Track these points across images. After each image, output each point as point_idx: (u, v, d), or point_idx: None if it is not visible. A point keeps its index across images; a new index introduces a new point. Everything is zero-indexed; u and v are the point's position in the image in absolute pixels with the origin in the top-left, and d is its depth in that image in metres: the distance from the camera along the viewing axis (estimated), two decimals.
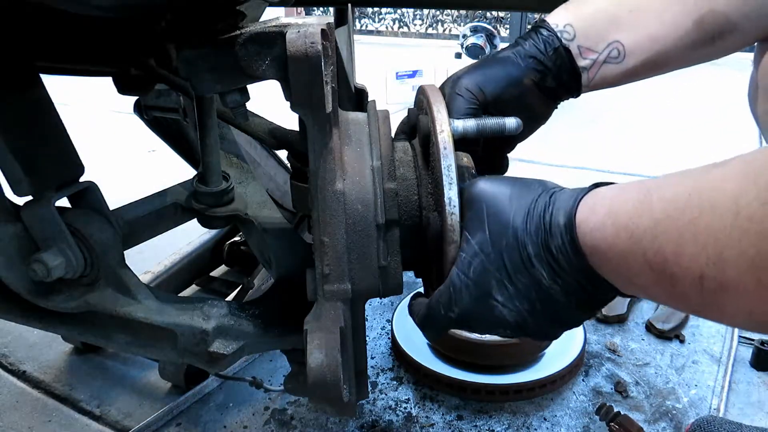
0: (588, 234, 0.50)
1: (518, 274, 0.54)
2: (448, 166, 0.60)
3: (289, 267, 0.85)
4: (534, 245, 0.53)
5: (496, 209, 0.55)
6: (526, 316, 0.55)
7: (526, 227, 0.54)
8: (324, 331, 0.66)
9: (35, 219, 0.78)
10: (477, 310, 0.56)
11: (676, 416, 1.19)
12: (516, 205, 0.55)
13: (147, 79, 0.98)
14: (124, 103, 1.24)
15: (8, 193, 0.81)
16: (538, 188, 0.56)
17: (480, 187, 0.58)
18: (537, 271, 0.53)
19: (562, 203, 0.53)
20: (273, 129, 0.90)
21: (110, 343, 0.85)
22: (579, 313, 0.56)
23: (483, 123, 0.66)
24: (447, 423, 1.20)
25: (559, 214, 0.52)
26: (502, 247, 0.54)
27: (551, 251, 0.52)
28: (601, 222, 0.49)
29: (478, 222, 0.56)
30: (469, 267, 0.55)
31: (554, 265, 0.52)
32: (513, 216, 0.54)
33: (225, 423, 1.22)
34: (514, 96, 0.71)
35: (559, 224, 0.52)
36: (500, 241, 0.54)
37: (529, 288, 0.54)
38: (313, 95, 0.62)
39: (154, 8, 0.71)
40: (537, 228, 0.53)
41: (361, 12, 8.18)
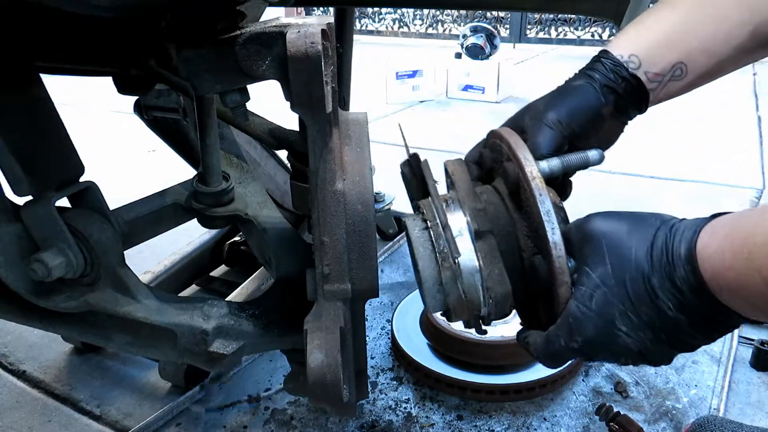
0: (707, 260, 0.51)
1: (643, 305, 0.55)
2: (547, 212, 0.61)
3: (289, 267, 0.86)
4: (658, 277, 0.54)
5: (617, 243, 0.57)
6: (649, 344, 0.57)
7: (649, 260, 0.55)
8: (324, 331, 0.66)
9: (35, 219, 0.78)
10: (600, 340, 0.58)
11: (676, 416, 1.19)
12: (636, 239, 0.57)
13: (147, 79, 0.98)
14: (124, 103, 1.24)
15: (8, 193, 0.81)
16: (655, 222, 0.58)
17: (598, 224, 0.60)
18: (662, 302, 0.54)
19: (683, 234, 0.54)
20: (273, 129, 0.90)
21: (110, 343, 0.85)
22: (702, 340, 0.57)
23: (567, 160, 0.68)
24: (447, 423, 1.20)
25: (680, 245, 0.54)
26: (625, 280, 0.56)
27: (675, 283, 0.54)
28: (719, 246, 0.51)
29: (599, 256, 0.58)
30: (590, 299, 0.57)
31: (679, 297, 0.54)
32: (635, 250, 0.56)
33: (225, 423, 1.22)
34: (595, 126, 0.72)
35: (680, 255, 0.53)
36: (623, 274, 0.56)
37: (654, 319, 0.55)
38: (313, 95, 0.62)
39: (154, 8, 0.71)
40: (659, 260, 0.55)
41: (361, 12, 8.18)
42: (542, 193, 0.61)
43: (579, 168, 0.69)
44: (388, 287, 1.72)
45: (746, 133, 3.35)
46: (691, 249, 0.53)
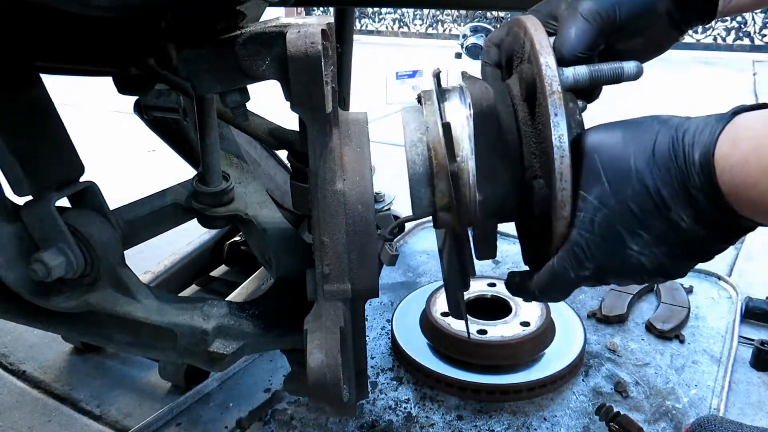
0: (727, 171, 0.46)
1: (653, 220, 0.50)
2: (560, 137, 0.53)
3: (289, 267, 0.85)
4: (668, 187, 0.49)
5: (612, 157, 0.51)
6: (665, 259, 0.52)
7: (653, 169, 0.49)
8: (324, 331, 0.66)
9: (35, 219, 0.78)
10: (612, 263, 0.53)
11: (676, 416, 1.19)
12: (634, 148, 0.50)
13: (147, 79, 0.98)
14: (124, 103, 1.24)
15: (8, 193, 0.81)
16: (653, 124, 0.51)
17: (590, 139, 0.53)
18: (675, 214, 0.49)
19: (696, 137, 0.48)
20: (273, 129, 0.90)
21: (110, 343, 0.85)
22: (720, 246, 0.52)
23: (597, 70, 0.58)
24: (447, 423, 1.20)
25: (693, 151, 0.48)
26: (627, 196, 0.50)
27: (689, 192, 0.48)
28: (743, 158, 0.45)
29: (593, 175, 0.52)
30: (592, 224, 0.52)
31: (695, 206, 0.48)
32: (634, 161, 0.50)
33: (225, 423, 1.22)
34: (645, 24, 0.61)
35: (694, 162, 0.47)
36: (624, 189, 0.50)
37: (668, 233, 0.50)
38: (313, 95, 0.62)
39: (154, 8, 0.71)
40: (667, 168, 0.49)
41: (361, 12, 8.18)
42: (558, 113, 0.54)
43: (611, 81, 0.60)
44: (388, 287, 1.72)
45: None
46: (708, 156, 0.47)
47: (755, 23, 6.27)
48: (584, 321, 1.45)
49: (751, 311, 1.52)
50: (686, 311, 1.51)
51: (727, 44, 6.34)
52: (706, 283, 1.69)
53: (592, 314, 1.52)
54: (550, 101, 0.54)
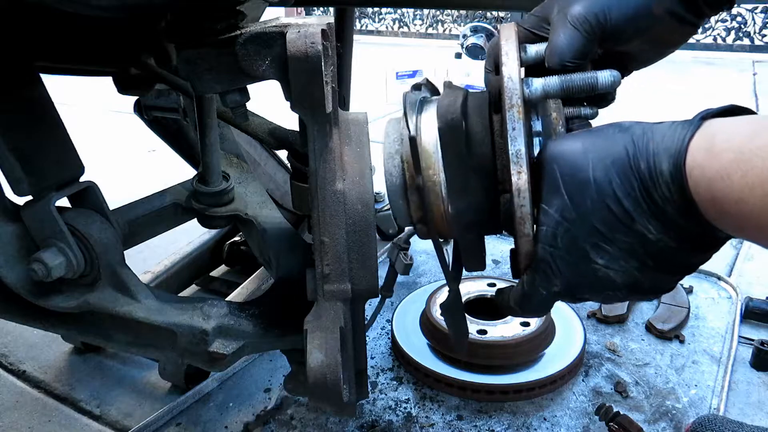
0: (704, 184, 0.43)
1: (616, 233, 0.48)
2: (517, 152, 0.52)
3: (289, 267, 0.86)
4: (630, 198, 0.46)
5: (571, 167, 0.49)
6: (637, 274, 0.49)
7: (612, 179, 0.47)
8: (324, 331, 0.66)
9: (35, 219, 0.78)
10: (580, 279, 0.51)
11: (676, 416, 1.19)
12: (593, 158, 0.48)
13: (147, 79, 0.98)
14: (124, 103, 1.24)
15: (8, 193, 0.81)
16: (614, 132, 0.49)
17: (549, 150, 0.52)
18: (639, 226, 0.47)
19: (662, 145, 0.45)
20: (273, 129, 0.90)
21: (110, 343, 0.85)
22: (696, 257, 0.49)
23: (569, 80, 0.56)
24: (447, 423, 1.20)
25: (659, 159, 0.45)
26: (587, 209, 0.48)
27: (655, 202, 0.46)
28: (724, 171, 0.42)
29: (552, 187, 0.50)
30: (554, 238, 0.50)
31: (661, 217, 0.46)
32: (592, 172, 0.48)
33: (225, 423, 1.22)
34: (642, 27, 0.58)
35: (662, 171, 0.45)
36: (583, 202, 0.48)
37: (634, 245, 0.48)
38: (313, 95, 0.62)
39: (154, 8, 0.71)
40: (626, 177, 0.46)
41: (361, 12, 8.18)
42: (516, 126, 0.52)
43: (585, 92, 0.57)
44: None
45: None
46: (679, 165, 0.44)
47: (755, 23, 6.27)
48: (584, 321, 1.45)
49: (751, 311, 1.52)
50: (686, 311, 1.51)
51: (727, 44, 6.34)
52: (706, 283, 1.69)
53: (592, 314, 1.52)
54: (509, 115, 0.53)
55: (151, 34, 0.88)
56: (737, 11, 6.28)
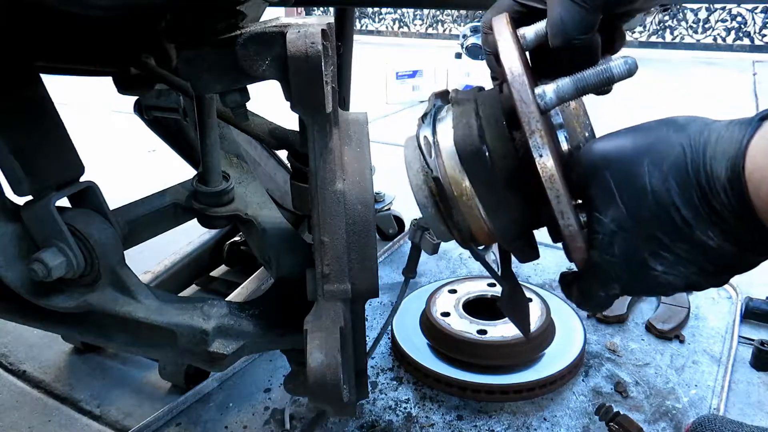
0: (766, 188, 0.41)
1: (676, 242, 0.46)
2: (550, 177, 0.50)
3: (289, 267, 0.86)
4: (689, 207, 0.44)
5: (625, 174, 0.47)
6: (695, 277, 0.48)
7: (670, 188, 0.45)
8: (324, 331, 0.66)
9: (35, 219, 0.78)
10: (638, 283, 0.50)
11: (676, 416, 1.19)
12: (648, 163, 0.46)
13: (147, 79, 0.98)
14: (124, 103, 1.24)
15: (8, 193, 0.81)
16: (668, 132, 0.46)
17: (597, 154, 0.49)
18: (699, 233, 0.45)
19: (719, 146, 0.43)
20: (273, 129, 0.90)
21: (110, 343, 0.85)
22: (755, 258, 0.48)
23: (582, 80, 0.53)
24: (447, 423, 1.20)
25: (717, 163, 0.43)
26: (646, 219, 0.46)
27: (714, 209, 0.44)
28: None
29: (607, 195, 0.48)
30: (611, 246, 0.49)
31: (721, 225, 0.44)
32: (648, 178, 0.45)
33: (225, 423, 1.22)
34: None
35: (719, 177, 0.43)
36: (641, 211, 0.46)
37: (693, 252, 0.46)
38: (313, 95, 0.62)
39: (154, 8, 0.71)
40: (686, 185, 0.44)
41: (361, 12, 8.18)
42: (543, 153, 0.50)
43: (601, 86, 0.54)
44: (388, 287, 1.72)
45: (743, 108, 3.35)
46: (737, 171, 0.42)
47: (755, 23, 6.27)
48: (584, 321, 1.45)
49: (751, 311, 1.52)
50: (686, 311, 1.51)
51: (727, 44, 6.34)
52: None
53: (592, 314, 1.52)
54: (531, 142, 0.51)
55: (151, 34, 0.88)
56: (737, 11, 6.28)
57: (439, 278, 1.73)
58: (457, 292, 1.46)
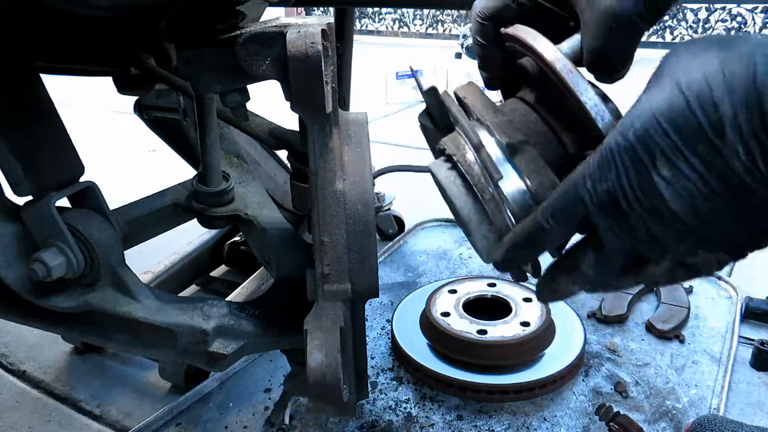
0: None
1: (696, 144, 0.37)
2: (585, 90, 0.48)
3: (289, 267, 0.86)
4: (730, 105, 0.36)
5: (683, 62, 0.40)
6: (700, 205, 0.38)
7: (721, 79, 0.37)
8: (324, 331, 0.66)
9: (35, 219, 0.78)
10: (630, 187, 0.40)
11: (676, 416, 1.19)
12: (710, 56, 0.38)
13: (147, 79, 0.98)
14: (124, 103, 1.24)
15: (8, 193, 0.81)
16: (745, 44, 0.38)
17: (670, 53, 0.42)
18: (729, 144, 0.37)
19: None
20: (273, 129, 0.90)
21: (110, 343, 0.85)
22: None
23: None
24: (447, 423, 1.20)
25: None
26: (680, 108, 0.38)
27: (763, 119, 0.36)
28: None
29: (655, 79, 0.41)
30: (630, 128, 0.40)
31: (764, 141, 0.36)
32: (705, 66, 0.38)
33: (225, 423, 1.22)
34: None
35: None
36: (678, 98, 0.38)
37: (710, 167, 0.37)
38: (313, 95, 0.62)
39: (155, 8, 0.71)
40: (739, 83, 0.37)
41: (361, 12, 8.18)
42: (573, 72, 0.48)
43: None
44: (388, 287, 1.72)
45: None
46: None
47: (755, 23, 6.27)
48: (584, 321, 1.45)
49: (751, 311, 1.52)
50: (686, 311, 1.51)
51: None
52: (706, 283, 1.69)
53: (592, 314, 1.53)
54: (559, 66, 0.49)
55: (151, 34, 0.88)
56: (737, 11, 6.28)
57: (439, 278, 1.73)
58: (457, 292, 1.46)
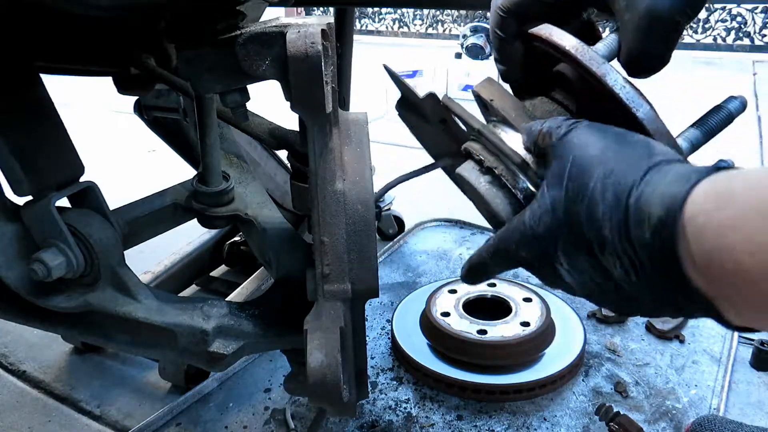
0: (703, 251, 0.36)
1: (582, 255, 0.44)
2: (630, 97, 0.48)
3: (289, 267, 0.86)
4: (611, 229, 0.41)
5: (580, 168, 0.45)
6: (595, 293, 0.47)
7: (606, 201, 0.42)
8: (324, 331, 0.66)
9: (35, 219, 0.78)
10: (542, 266, 0.49)
11: (676, 416, 1.19)
12: (601, 170, 0.43)
13: (147, 79, 0.98)
14: (124, 103, 1.24)
15: (8, 193, 0.81)
16: (638, 151, 0.44)
17: (571, 135, 0.47)
18: (607, 259, 0.43)
19: (663, 187, 0.39)
20: (273, 129, 0.90)
21: (110, 343, 0.85)
22: (661, 309, 0.44)
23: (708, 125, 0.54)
24: (447, 423, 1.20)
25: (653, 200, 0.39)
26: (574, 217, 0.44)
27: (631, 243, 0.40)
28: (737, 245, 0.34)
29: (558, 176, 0.47)
30: (538, 221, 0.47)
31: (633, 259, 0.41)
32: (594, 182, 0.43)
33: (225, 423, 1.22)
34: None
35: (650, 215, 0.39)
36: (574, 208, 0.44)
37: (595, 273, 0.45)
38: (313, 95, 0.62)
39: (155, 8, 0.71)
40: (617, 204, 0.41)
41: (361, 12, 8.18)
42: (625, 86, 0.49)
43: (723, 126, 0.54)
44: (388, 287, 1.72)
45: (746, 133, 3.35)
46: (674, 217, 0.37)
47: (755, 23, 6.27)
48: (584, 321, 1.45)
49: None
50: None
51: (727, 44, 6.34)
52: None
53: (592, 314, 1.53)
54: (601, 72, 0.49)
55: (151, 34, 0.88)
56: (737, 11, 6.28)
57: (439, 278, 1.73)
58: (457, 292, 1.46)
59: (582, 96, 0.55)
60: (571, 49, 0.51)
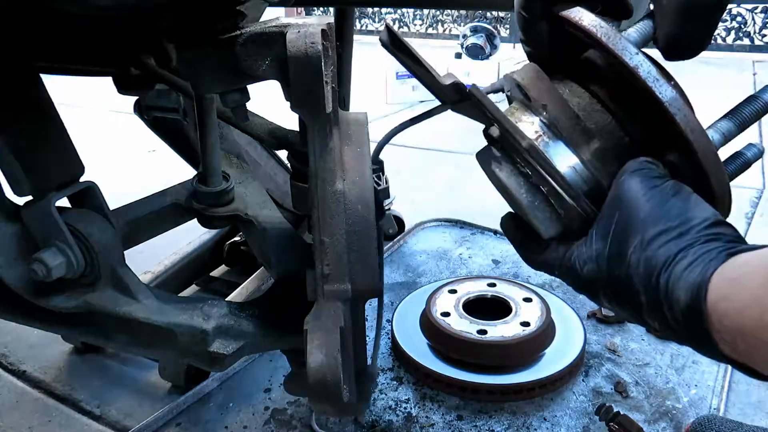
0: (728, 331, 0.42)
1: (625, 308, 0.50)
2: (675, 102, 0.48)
3: (289, 267, 0.85)
4: (647, 301, 0.47)
5: (623, 230, 0.48)
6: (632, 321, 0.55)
7: (637, 274, 0.46)
8: (324, 331, 0.66)
9: (35, 219, 0.78)
10: (587, 295, 0.54)
11: (676, 416, 1.19)
12: (639, 239, 0.47)
13: (147, 79, 0.98)
14: (124, 103, 1.24)
15: (8, 193, 0.81)
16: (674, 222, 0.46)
17: (626, 187, 0.49)
18: (646, 318, 0.48)
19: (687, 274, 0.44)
20: (273, 129, 0.90)
21: (110, 343, 0.85)
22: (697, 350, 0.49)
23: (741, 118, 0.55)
24: (447, 423, 1.20)
25: (679, 286, 0.44)
26: (614, 279, 0.49)
27: (665, 316, 0.46)
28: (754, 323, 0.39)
29: (605, 227, 0.50)
30: (583, 265, 0.51)
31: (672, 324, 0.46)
32: (631, 252, 0.47)
33: (225, 423, 1.22)
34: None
35: (678, 300, 0.44)
36: (614, 271, 0.48)
37: (633, 318, 0.51)
38: (313, 95, 0.62)
39: (155, 8, 0.71)
40: (648, 281, 0.46)
41: (361, 12, 8.17)
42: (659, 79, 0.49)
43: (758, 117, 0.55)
44: (388, 287, 1.72)
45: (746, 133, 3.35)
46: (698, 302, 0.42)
47: (755, 23, 6.27)
48: (584, 321, 1.45)
49: None
50: None
51: (727, 44, 6.34)
52: None
53: (592, 314, 1.52)
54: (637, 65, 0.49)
55: (151, 34, 0.88)
56: (737, 11, 6.28)
57: (439, 278, 1.73)
58: (457, 292, 1.46)
59: (612, 84, 0.55)
60: (603, 37, 0.50)
